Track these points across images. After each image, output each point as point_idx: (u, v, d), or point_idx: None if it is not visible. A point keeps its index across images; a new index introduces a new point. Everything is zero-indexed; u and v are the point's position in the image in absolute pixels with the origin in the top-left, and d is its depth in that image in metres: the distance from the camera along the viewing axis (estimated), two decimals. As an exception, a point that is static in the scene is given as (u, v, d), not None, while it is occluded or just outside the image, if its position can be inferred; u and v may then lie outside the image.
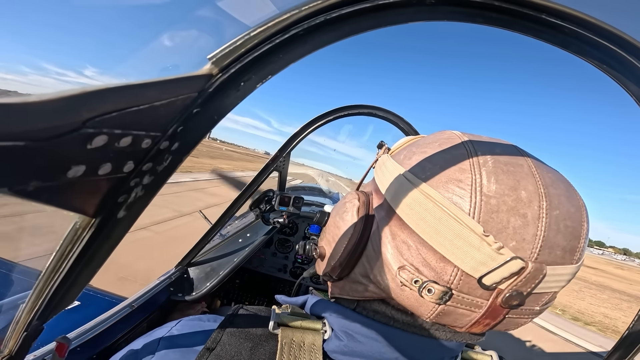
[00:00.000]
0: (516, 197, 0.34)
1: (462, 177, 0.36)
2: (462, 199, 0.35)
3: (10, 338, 0.41)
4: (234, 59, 0.27)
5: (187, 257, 1.55)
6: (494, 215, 0.34)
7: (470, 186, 0.35)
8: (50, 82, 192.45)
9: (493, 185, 0.35)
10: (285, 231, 2.30)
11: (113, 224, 0.30)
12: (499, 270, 0.33)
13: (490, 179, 0.35)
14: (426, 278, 0.36)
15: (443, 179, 0.37)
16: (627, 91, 0.33)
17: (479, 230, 0.33)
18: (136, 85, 0.22)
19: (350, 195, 0.49)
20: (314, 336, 0.44)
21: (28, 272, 1.25)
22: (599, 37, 0.28)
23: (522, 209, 0.34)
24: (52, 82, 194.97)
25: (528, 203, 0.34)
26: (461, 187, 0.35)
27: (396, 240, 0.39)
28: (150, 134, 0.25)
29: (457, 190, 0.35)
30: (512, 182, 0.35)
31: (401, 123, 1.63)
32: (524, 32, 0.30)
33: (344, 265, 0.45)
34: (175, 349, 0.43)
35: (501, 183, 0.35)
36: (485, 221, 0.34)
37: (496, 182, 0.35)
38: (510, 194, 0.34)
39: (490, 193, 0.34)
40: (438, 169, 0.38)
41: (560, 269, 0.34)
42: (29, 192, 0.19)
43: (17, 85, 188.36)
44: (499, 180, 0.35)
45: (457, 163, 0.37)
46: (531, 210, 0.34)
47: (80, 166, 0.22)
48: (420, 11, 0.29)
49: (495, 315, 0.37)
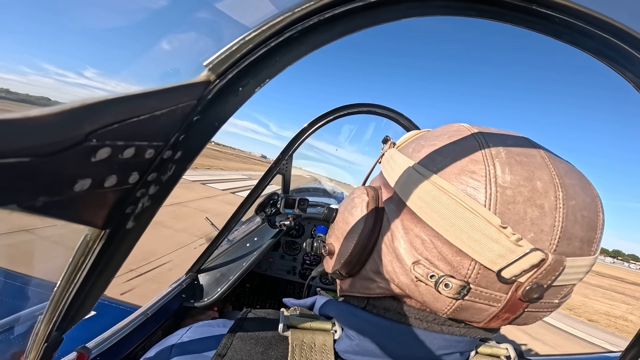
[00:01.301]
0: (532, 187, 0.33)
1: (475, 168, 0.35)
2: (476, 190, 0.34)
3: (32, 349, 0.42)
4: (230, 65, 0.27)
5: (197, 264, 1.56)
6: (510, 207, 0.33)
7: (485, 177, 0.34)
8: (49, 83, 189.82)
9: (508, 176, 0.34)
10: (292, 233, 2.31)
11: (122, 235, 0.30)
12: (519, 263, 0.32)
13: (505, 170, 0.34)
14: (442, 272, 0.36)
15: (455, 171, 0.36)
16: (625, 78, 0.32)
17: (496, 222, 0.32)
18: (135, 95, 0.22)
19: (359, 191, 0.48)
20: (325, 337, 0.43)
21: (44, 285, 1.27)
22: (590, 26, 0.28)
23: (538, 200, 0.33)
24: (51, 82, 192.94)
25: (544, 193, 0.33)
26: (475, 179, 0.35)
27: (409, 234, 0.38)
28: (152, 144, 0.26)
29: (471, 181, 0.35)
30: (527, 172, 0.34)
31: (402, 119, 1.63)
32: (516, 24, 0.30)
33: (355, 262, 0.44)
34: (187, 355, 0.43)
35: (516, 174, 0.34)
36: (502, 212, 0.33)
37: (510, 172, 0.34)
38: (525, 185, 0.34)
39: (505, 184, 0.34)
40: (449, 160, 0.37)
41: (579, 261, 0.34)
42: (38, 208, 0.20)
43: (17, 86, 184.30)
44: (513, 170, 0.34)
45: (468, 154, 0.37)
46: (548, 200, 0.33)
47: (86, 179, 0.22)
48: (412, 7, 0.29)
49: (514, 309, 0.36)
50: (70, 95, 38.28)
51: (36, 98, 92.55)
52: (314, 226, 2.31)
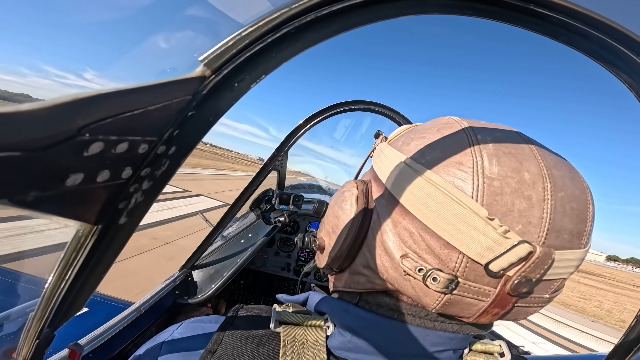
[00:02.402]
0: (519, 178, 0.33)
1: (463, 160, 0.35)
2: (464, 181, 0.34)
3: (23, 346, 0.41)
4: (226, 60, 0.27)
5: (191, 260, 1.55)
6: (497, 198, 0.33)
7: (472, 169, 0.34)
8: (49, 85, 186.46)
9: (495, 167, 0.34)
10: (286, 230, 2.30)
11: (115, 231, 0.30)
12: (506, 256, 0.32)
13: (492, 161, 0.34)
14: (430, 266, 0.35)
15: (443, 163, 0.36)
16: (620, 79, 0.32)
17: (483, 213, 0.32)
18: (129, 90, 0.22)
19: (349, 184, 0.48)
20: (317, 333, 0.43)
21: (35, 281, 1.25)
22: (587, 27, 0.28)
23: (526, 191, 0.33)
24: (51, 84, 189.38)
25: (532, 185, 0.33)
26: (462, 170, 0.35)
27: (398, 227, 0.38)
28: (146, 139, 0.25)
29: (459, 173, 0.35)
30: (515, 164, 0.34)
31: (397, 117, 1.63)
32: (513, 23, 0.30)
33: (345, 256, 0.44)
34: (177, 352, 0.43)
35: (503, 165, 0.34)
36: (489, 204, 0.33)
37: (498, 164, 0.34)
38: (513, 176, 0.33)
39: (492, 175, 0.34)
40: (438, 153, 0.37)
41: (568, 254, 0.33)
42: (29, 202, 0.20)
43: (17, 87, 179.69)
44: (500, 162, 0.34)
45: (456, 146, 0.37)
46: (535, 192, 0.33)
47: (78, 174, 0.22)
48: (409, 5, 0.29)
49: (503, 304, 0.36)
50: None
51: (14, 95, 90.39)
52: (309, 223, 2.30)
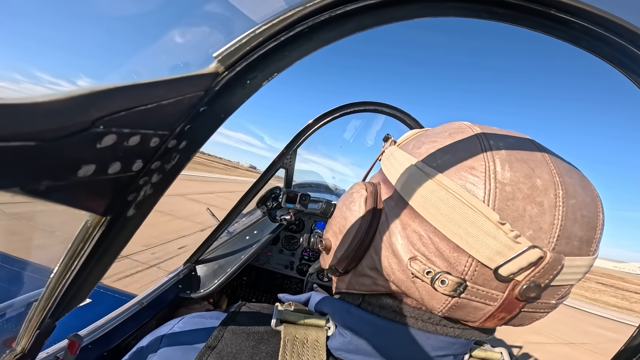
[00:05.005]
0: (532, 184, 0.33)
1: (475, 164, 0.35)
2: (475, 186, 0.34)
3: (24, 336, 0.42)
4: (239, 57, 0.27)
5: (195, 255, 1.57)
6: (509, 203, 0.33)
7: (484, 173, 0.34)
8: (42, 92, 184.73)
9: (507, 172, 0.34)
10: (291, 228, 2.31)
11: (123, 222, 0.30)
12: (517, 260, 0.31)
13: (505, 167, 0.34)
14: (439, 269, 0.35)
15: (455, 167, 0.36)
16: (637, 85, 0.32)
17: (494, 217, 0.32)
18: (143, 84, 0.22)
19: (357, 186, 0.48)
20: (318, 333, 0.43)
21: (40, 270, 1.27)
22: (610, 33, 0.28)
23: (538, 197, 0.33)
24: (44, 91, 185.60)
25: (544, 191, 0.33)
26: (474, 175, 0.34)
27: (407, 230, 0.38)
28: (158, 133, 0.25)
29: (470, 177, 0.34)
30: (527, 169, 0.34)
31: (408, 119, 1.62)
32: (533, 28, 0.29)
33: (351, 258, 0.44)
34: (177, 346, 0.43)
35: (516, 170, 0.34)
36: (501, 209, 0.33)
37: (510, 169, 0.34)
38: (525, 182, 0.33)
39: (505, 180, 0.33)
40: (450, 157, 0.37)
41: (577, 260, 0.33)
42: (41, 192, 0.20)
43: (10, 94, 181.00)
44: (513, 167, 0.34)
45: (468, 151, 0.37)
46: (547, 198, 0.33)
47: (90, 165, 0.22)
48: (425, 7, 0.28)
49: (510, 308, 0.36)
50: (75, 81, 37.73)
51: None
52: (315, 222, 2.31)
